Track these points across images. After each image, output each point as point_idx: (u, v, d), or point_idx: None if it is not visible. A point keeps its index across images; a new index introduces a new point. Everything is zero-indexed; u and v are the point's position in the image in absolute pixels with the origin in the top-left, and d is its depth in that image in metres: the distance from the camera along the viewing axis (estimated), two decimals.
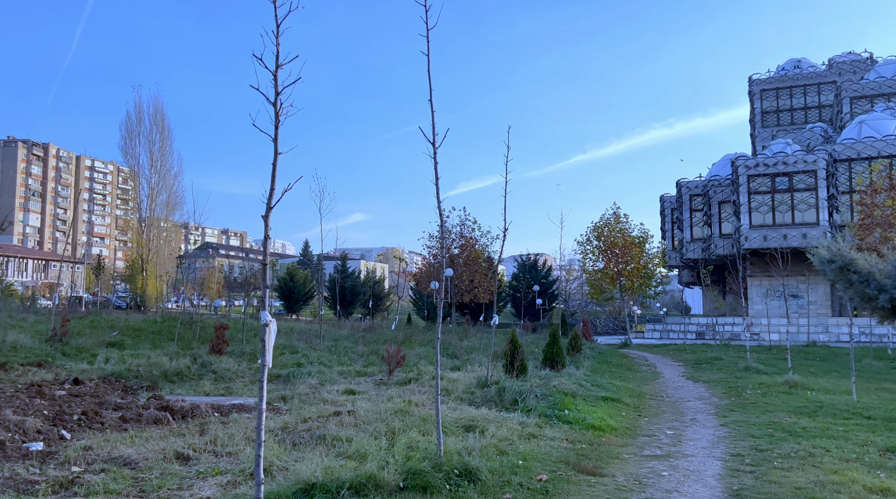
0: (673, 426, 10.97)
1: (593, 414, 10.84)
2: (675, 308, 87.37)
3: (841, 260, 4.50)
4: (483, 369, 14.16)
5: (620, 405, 12.71)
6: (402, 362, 14.06)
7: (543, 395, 11.44)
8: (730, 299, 45.83)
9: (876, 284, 4.08)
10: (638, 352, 29.22)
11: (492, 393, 11.23)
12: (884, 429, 10.28)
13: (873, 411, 11.89)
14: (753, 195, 38.64)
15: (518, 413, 10.31)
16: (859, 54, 51.98)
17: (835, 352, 26.46)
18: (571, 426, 9.95)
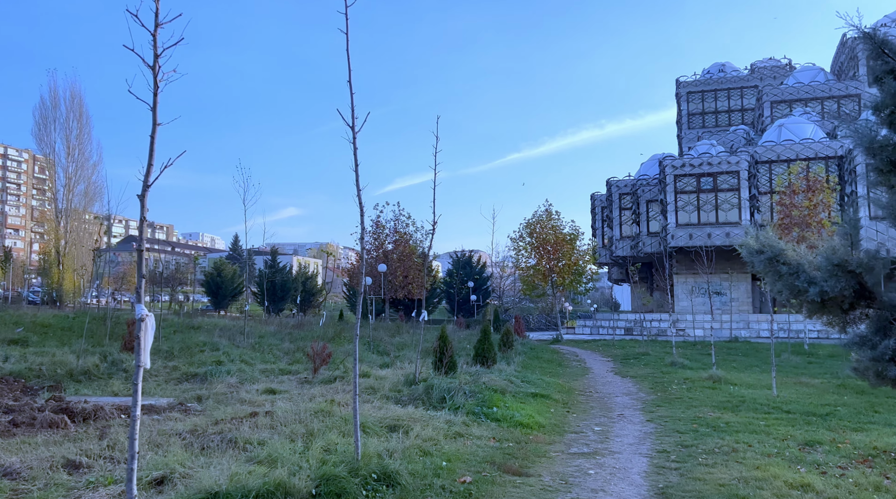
0: (601, 422, 10.90)
1: (522, 411, 10.66)
2: (604, 304, 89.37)
3: (770, 251, 4.35)
4: (413, 366, 13.82)
5: (549, 402, 12.60)
6: (328, 360, 13.57)
7: (472, 392, 11.19)
8: (657, 296, 47.02)
9: (806, 276, 3.96)
10: (569, 347, 29.50)
11: (419, 391, 10.90)
12: (802, 423, 10.47)
13: (792, 405, 12.16)
14: (680, 194, 39.67)
15: (446, 411, 10.02)
16: (779, 60, 54.17)
17: (756, 347, 27.35)
18: (500, 424, 9.72)
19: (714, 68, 55.99)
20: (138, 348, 4.15)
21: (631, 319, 40.25)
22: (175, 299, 52.72)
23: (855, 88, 44.58)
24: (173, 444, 7.19)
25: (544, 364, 20.30)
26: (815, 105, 45.44)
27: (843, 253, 4.14)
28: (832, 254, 4.12)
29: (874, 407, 12.34)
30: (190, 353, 16.16)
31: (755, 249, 4.37)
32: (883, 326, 3.87)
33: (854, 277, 3.98)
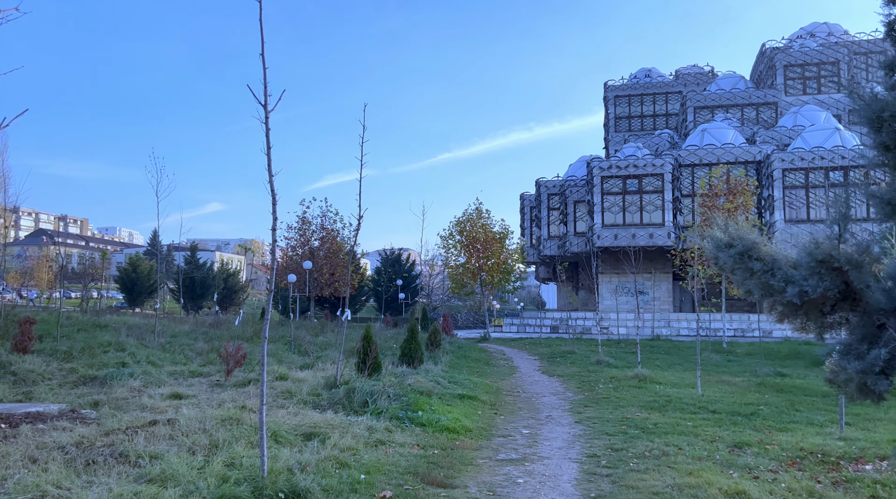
0: (529, 425, 10.55)
1: (448, 414, 10.18)
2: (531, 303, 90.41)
3: (741, 244, 3.95)
4: (335, 368, 13.13)
5: (477, 403, 12.19)
6: (243, 361, 12.72)
7: (397, 395, 10.63)
8: (582, 295, 47.66)
9: (783, 274, 3.60)
10: (496, 346, 29.33)
11: (340, 395, 10.26)
12: (728, 423, 10.41)
13: (717, 405, 12.16)
14: (606, 196, 40.23)
15: (368, 417, 9.43)
16: (702, 68, 55.89)
17: (677, 345, 27.88)
18: (425, 429, 9.20)
19: (641, 73, 57.26)
20: None
21: (557, 318, 40.57)
22: (87, 296, 49.85)
23: (773, 97, 46.37)
24: (54, 460, 6.33)
25: (472, 364, 19.94)
26: (736, 111, 47.04)
27: (829, 247, 3.79)
28: (815, 248, 3.77)
29: (794, 406, 12.50)
30: (92, 353, 14.93)
31: (724, 243, 3.95)
32: (870, 333, 3.55)
33: (840, 275, 3.63)
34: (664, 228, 38.80)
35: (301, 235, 40.38)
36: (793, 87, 46.84)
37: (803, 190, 36.75)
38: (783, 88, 46.55)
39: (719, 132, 41.57)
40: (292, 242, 40.80)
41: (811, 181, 36.65)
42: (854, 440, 8.95)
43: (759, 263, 3.78)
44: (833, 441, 8.81)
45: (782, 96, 46.35)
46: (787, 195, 36.89)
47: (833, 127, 38.69)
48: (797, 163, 36.61)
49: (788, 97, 46.30)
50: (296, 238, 40.81)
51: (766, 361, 21.49)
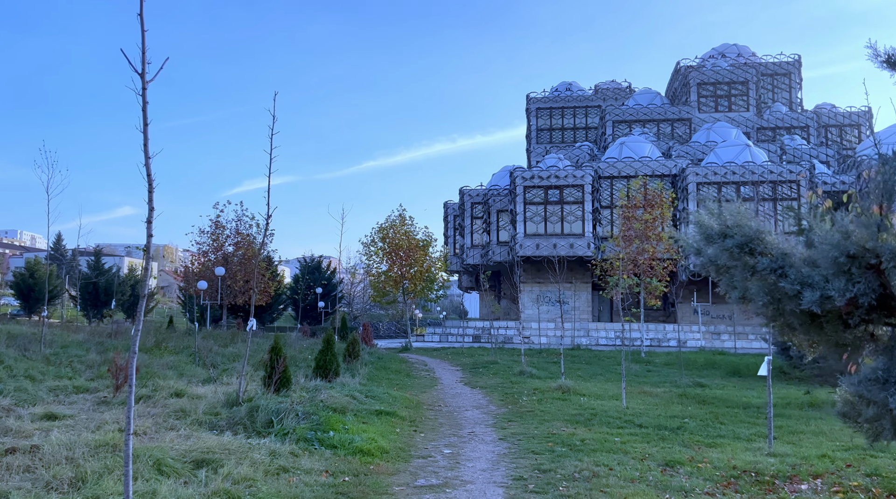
0: (450, 443, 9.83)
1: (364, 434, 9.32)
2: (454, 312, 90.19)
3: (740, 234, 3.22)
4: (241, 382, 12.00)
5: (395, 420, 11.37)
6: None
7: (307, 413, 9.69)
8: (505, 304, 47.56)
9: (797, 275, 2.88)
10: (418, 356, 28.57)
11: (242, 413, 9.23)
12: (656, 438, 10.02)
13: (643, 418, 11.81)
14: (528, 205, 40.30)
15: (272, 439, 8.46)
16: (620, 83, 57.28)
17: (597, 355, 27.89)
18: (336, 452, 8.32)
19: (562, 86, 58.13)
20: None
21: (479, 327, 40.21)
22: None
23: (687, 113, 47.86)
24: None
25: (392, 375, 19.10)
26: (652, 126, 48.26)
27: (864, 237, 3.05)
28: (843, 239, 3.05)
29: (718, 418, 12.31)
30: None
31: (715, 232, 3.23)
32: None
33: (877, 275, 2.90)
34: (584, 238, 39.15)
35: (214, 239, 38.44)
36: (705, 105, 48.51)
37: (716, 204, 37.82)
38: (696, 105, 48.13)
39: (637, 146, 42.45)
40: (204, 248, 38.77)
41: (723, 195, 37.81)
42: (784, 456, 8.68)
43: (765, 260, 3.08)
44: (764, 458, 8.51)
45: (696, 113, 47.90)
46: (700, 208, 37.90)
47: (743, 143, 40.16)
48: (710, 177, 37.72)
49: (701, 114, 47.91)
50: (208, 243, 38.82)
51: (685, 371, 21.64)
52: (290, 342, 27.39)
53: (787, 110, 47.51)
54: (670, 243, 29.16)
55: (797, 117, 46.69)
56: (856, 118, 46.83)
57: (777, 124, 46.49)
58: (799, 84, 48.63)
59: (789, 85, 48.75)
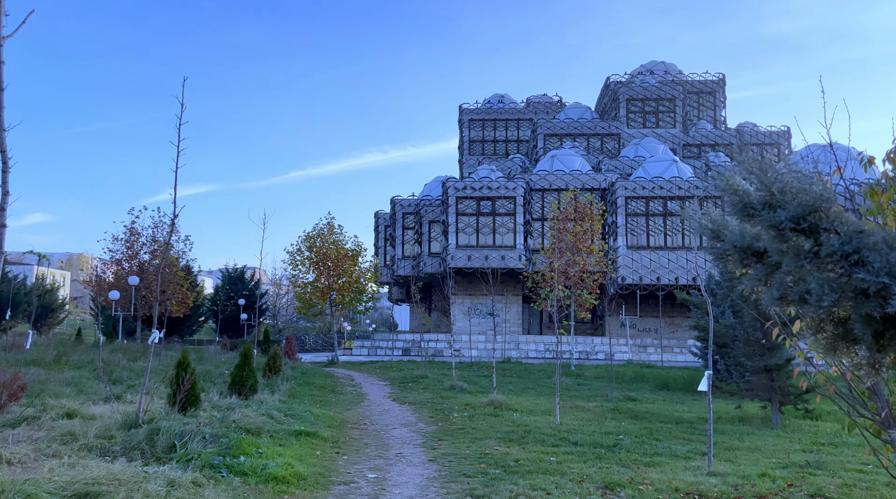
0: (376, 466, 9.06)
1: (279, 458, 8.44)
2: (384, 325, 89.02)
3: (795, 203, 2.37)
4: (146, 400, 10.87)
5: (316, 441, 10.50)
6: (21, 393, 10.16)
7: (215, 436, 8.73)
8: (435, 316, 46.96)
9: (883, 263, 2.10)
10: (344, 370, 27.56)
11: (140, 437, 8.20)
12: (593, 457, 9.55)
13: (578, 435, 11.35)
14: (460, 216, 39.95)
15: (172, 466, 7.48)
16: (551, 97, 57.93)
17: (528, 368, 27.59)
18: (246, 480, 7.43)
19: (494, 99, 58.34)
20: None
21: (410, 340, 39.44)
22: None
23: (616, 128, 48.71)
24: None
25: (315, 391, 18.11)
26: (583, 140, 48.89)
27: None
28: None
29: (653, 434, 12.00)
30: None
31: (758, 201, 2.35)
32: None
33: None
34: (516, 250, 39.05)
35: (129, 247, 36.29)
36: (634, 120, 49.54)
37: (644, 217, 38.50)
38: (625, 121, 49.10)
39: (568, 159, 42.82)
40: (118, 256, 36.55)
41: (651, 209, 38.49)
42: (724, 475, 8.32)
43: (833, 240, 2.32)
44: (705, 478, 8.12)
45: (625, 128, 48.83)
46: (629, 222, 38.47)
47: (671, 159, 41.07)
48: (639, 191, 38.32)
49: (630, 129, 48.88)
50: (122, 251, 36.63)
51: (615, 384, 21.53)
52: (207, 356, 25.93)
53: (712, 128, 49.05)
54: (600, 256, 29.28)
55: (721, 135, 48.23)
56: (775, 138, 48.78)
57: (702, 141, 47.89)
58: (723, 102, 50.34)
59: (714, 103, 50.39)
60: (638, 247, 38.10)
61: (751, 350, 13.72)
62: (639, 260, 37.81)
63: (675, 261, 37.62)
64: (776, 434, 12.26)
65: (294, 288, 33.98)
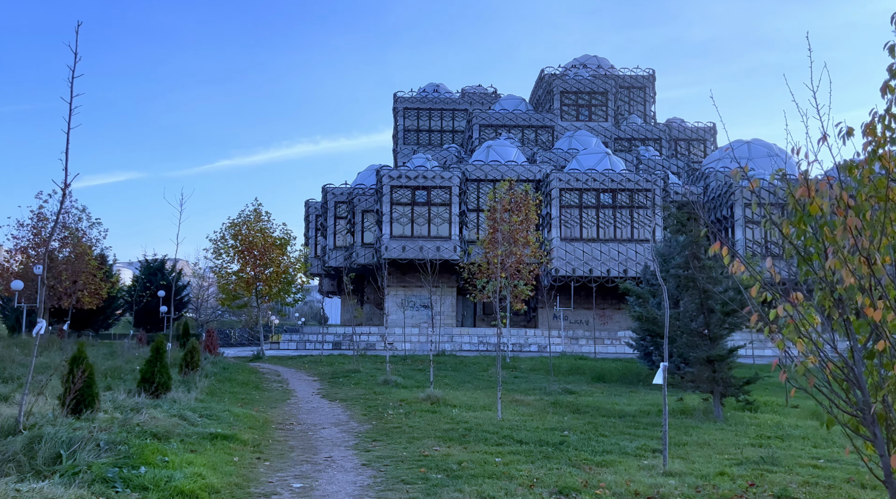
0: (302, 473, 8.08)
1: (189, 467, 7.35)
2: (313, 318, 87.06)
3: None
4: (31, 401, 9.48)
5: (235, 445, 9.40)
6: None
7: (112, 442, 7.54)
8: (368, 309, 45.82)
9: None
10: (271, 365, 26.19)
11: (17, 446, 6.94)
12: (540, 457, 8.84)
13: (521, 433, 10.65)
14: (395, 206, 38.95)
15: (54, 481, 6.30)
16: (486, 88, 57.51)
17: (462, 361, 26.94)
18: (146, 496, 6.32)
19: (430, 88, 57.49)
20: None
21: (341, 333, 38.23)
22: None
23: (550, 120, 48.69)
24: None
25: (238, 388, 16.85)
26: (517, 132, 48.65)
27: None
28: None
29: (598, 429, 11.43)
30: None
31: None
32: None
33: None
34: (451, 241, 38.36)
35: (36, 234, 33.64)
36: (567, 113, 49.67)
37: (577, 209, 38.47)
38: (559, 113, 49.14)
39: (503, 150, 42.41)
40: (23, 243, 33.83)
41: (584, 201, 38.49)
42: (682, 475, 7.75)
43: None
44: (663, 479, 7.51)
45: (559, 121, 48.87)
46: (563, 214, 38.37)
47: (603, 152, 41.21)
48: (573, 183, 38.24)
49: (564, 122, 48.95)
50: (29, 238, 33.93)
51: (551, 377, 21.11)
52: (120, 351, 24.13)
53: (642, 122, 49.66)
54: (536, 247, 28.89)
55: (651, 129, 48.88)
56: (702, 133, 49.81)
57: (633, 135, 48.40)
58: (653, 98, 51.05)
59: (644, 98, 51.04)
60: (571, 239, 38.04)
61: (694, 341, 13.37)
62: (572, 252, 37.77)
63: (608, 253, 37.76)
64: (720, 427, 11.92)
65: (217, 279, 32.19)
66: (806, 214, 5.18)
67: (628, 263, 37.38)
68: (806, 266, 5.38)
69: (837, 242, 4.87)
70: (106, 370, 16.99)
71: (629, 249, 37.63)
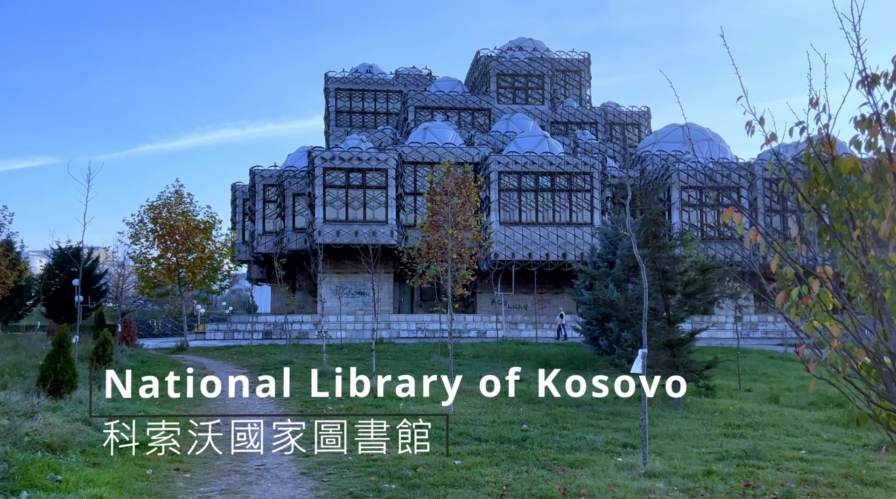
0: (230, 486, 6.88)
1: (88, 487, 6.04)
2: (241, 307, 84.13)
3: None
4: None
5: (150, 453, 8.06)
6: None
7: None
8: (300, 297, 44.12)
9: None
10: (195, 357, 24.42)
11: None
12: (504, 457, 7.95)
13: (479, 428, 9.72)
14: (329, 189, 37.35)
15: None
16: (420, 70, 56.13)
17: (403, 349, 25.90)
18: None
19: (362, 68, 55.74)
20: None
21: (271, 322, 36.50)
22: None
23: (487, 103, 47.87)
24: None
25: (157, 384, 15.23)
26: (454, 114, 47.62)
27: None
28: None
29: (557, 421, 10.63)
30: None
31: None
32: None
33: None
34: (388, 225, 37.10)
35: None
36: (504, 96, 48.96)
37: (516, 193, 37.84)
38: (496, 96, 48.38)
39: (441, 132, 41.33)
40: None
41: (523, 185, 37.88)
42: (666, 476, 6.93)
43: None
44: (648, 482, 6.67)
45: (495, 103, 48.12)
46: (502, 197, 37.66)
47: (542, 135, 40.69)
48: (512, 166, 37.55)
49: (501, 105, 48.23)
50: None
51: (496, 363, 20.32)
52: (26, 345, 21.98)
53: (579, 106, 49.47)
54: (478, 230, 27.97)
55: (587, 113, 48.75)
56: (637, 118, 50.05)
57: (569, 119, 48.16)
58: (588, 82, 50.91)
59: (580, 82, 50.84)
60: (510, 223, 37.41)
61: (652, 324, 12.69)
62: (511, 236, 37.16)
63: (547, 237, 37.32)
64: (684, 416, 11.28)
65: (136, 265, 29.92)
66: (835, 172, 4.32)
67: (567, 246, 37.06)
68: (829, 235, 4.55)
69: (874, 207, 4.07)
70: (4, 367, 15.11)
71: (568, 233, 37.29)
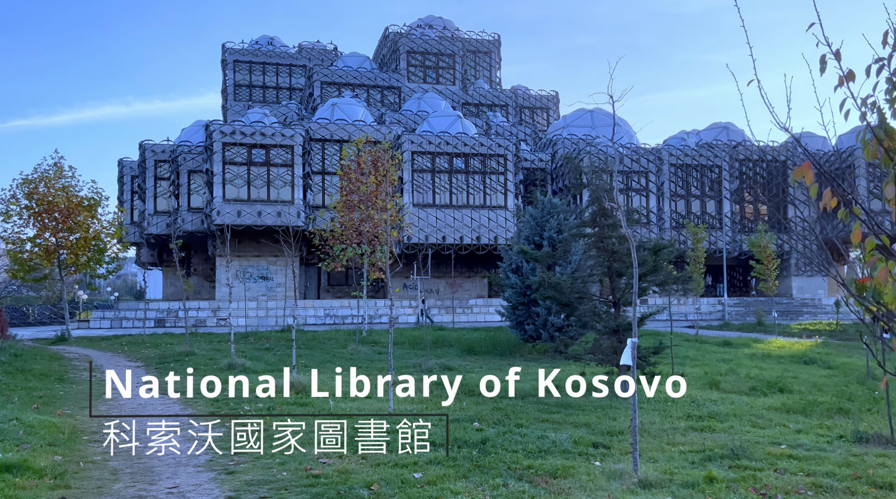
0: None
1: None
2: (128, 293, 78.85)
3: None
4: None
5: (24, 477, 6.37)
6: None
7: None
8: (196, 281, 41.21)
9: None
10: (80, 349, 21.80)
11: None
12: (469, 466, 6.84)
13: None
14: (229, 166, 34.80)
15: None
16: (325, 45, 53.82)
17: (315, 336, 24.34)
18: None
19: (263, 40, 52.80)
20: None
21: (165, 309, 33.75)
22: None
23: (397, 81, 46.38)
24: None
25: (33, 383, 13.07)
26: (363, 91, 45.85)
27: None
28: None
29: (509, 416, 9.70)
30: None
31: None
32: None
33: None
34: (294, 205, 35.05)
35: None
36: (415, 75, 47.64)
37: (430, 174, 36.75)
38: (406, 74, 46.97)
39: (350, 109, 39.53)
40: None
41: (437, 166, 36.84)
42: (662, 485, 6.05)
43: None
44: (649, 494, 5.73)
45: (405, 82, 46.72)
46: (415, 179, 36.47)
47: (455, 115, 39.74)
48: (426, 146, 36.40)
49: (411, 83, 46.88)
50: None
51: (417, 351, 19.24)
52: None
53: (489, 88, 48.89)
54: (396, 211, 26.67)
55: (498, 95, 48.24)
56: (546, 101, 50.07)
57: (480, 100, 47.49)
58: (499, 63, 50.41)
59: (490, 63, 50.26)
60: (424, 205, 36.30)
61: (597, 308, 11.95)
62: (425, 218, 36.07)
63: (461, 219, 36.50)
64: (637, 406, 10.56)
65: (7, 246, 26.48)
66: None
67: (482, 230, 36.41)
68: None
69: None
70: None
71: (482, 216, 36.63)
